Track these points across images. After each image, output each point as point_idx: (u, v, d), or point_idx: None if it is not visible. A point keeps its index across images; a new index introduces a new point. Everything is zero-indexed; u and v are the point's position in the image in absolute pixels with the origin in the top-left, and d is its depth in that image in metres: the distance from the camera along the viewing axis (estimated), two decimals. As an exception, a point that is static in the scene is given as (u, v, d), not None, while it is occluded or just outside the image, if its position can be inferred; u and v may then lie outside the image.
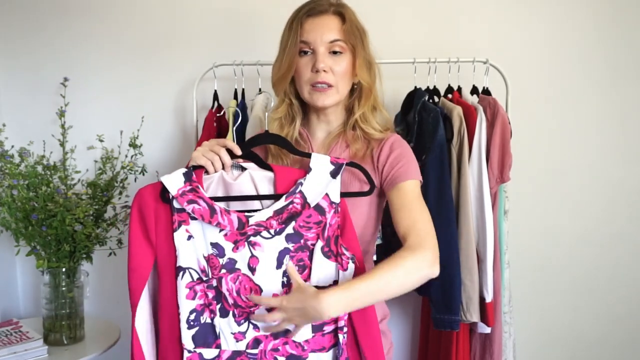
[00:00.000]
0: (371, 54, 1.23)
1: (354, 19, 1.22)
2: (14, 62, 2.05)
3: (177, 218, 1.08)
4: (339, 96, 1.21)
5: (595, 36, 1.97)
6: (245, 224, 1.07)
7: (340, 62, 1.18)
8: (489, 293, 1.60)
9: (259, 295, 1.08)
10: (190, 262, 1.08)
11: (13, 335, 1.63)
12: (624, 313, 2.04)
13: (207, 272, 1.08)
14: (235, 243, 1.08)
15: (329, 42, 1.18)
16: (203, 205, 1.07)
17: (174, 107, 2.05)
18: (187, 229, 1.08)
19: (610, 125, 1.99)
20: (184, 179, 1.08)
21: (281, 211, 1.08)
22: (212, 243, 1.08)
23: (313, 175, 1.10)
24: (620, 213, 2.02)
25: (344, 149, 1.24)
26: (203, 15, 2.01)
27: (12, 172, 1.60)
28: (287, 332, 1.08)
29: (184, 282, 1.08)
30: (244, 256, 1.08)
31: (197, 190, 1.07)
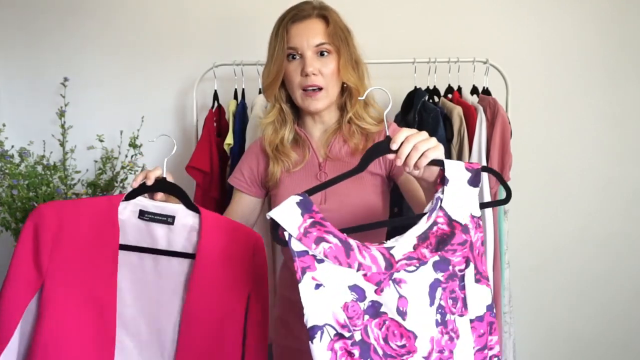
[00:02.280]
0: (357, 53, 1.25)
1: (338, 20, 1.24)
2: (14, 62, 2.05)
3: (300, 264, 0.83)
4: (329, 99, 1.23)
5: (595, 36, 1.97)
6: (392, 259, 0.87)
7: (327, 63, 1.21)
8: (489, 293, 1.60)
9: (413, 341, 0.88)
10: (326, 318, 0.82)
11: (13, 335, 1.63)
12: (624, 312, 2.04)
13: (347, 325, 0.84)
14: (379, 284, 0.87)
15: (314, 46, 1.20)
16: (335, 242, 0.85)
17: (174, 107, 2.05)
18: (313, 277, 0.83)
19: (610, 125, 1.99)
20: (301, 210, 0.84)
21: (425, 236, 0.91)
22: (349, 286, 0.85)
23: (452, 187, 0.93)
24: (620, 213, 2.02)
25: (342, 145, 1.27)
26: (203, 16, 2.01)
27: (12, 172, 1.60)
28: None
29: (324, 344, 0.82)
30: (391, 298, 0.87)
31: (323, 224, 0.85)
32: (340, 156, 1.26)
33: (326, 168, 1.26)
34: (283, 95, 1.28)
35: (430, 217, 0.91)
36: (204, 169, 1.73)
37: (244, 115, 1.75)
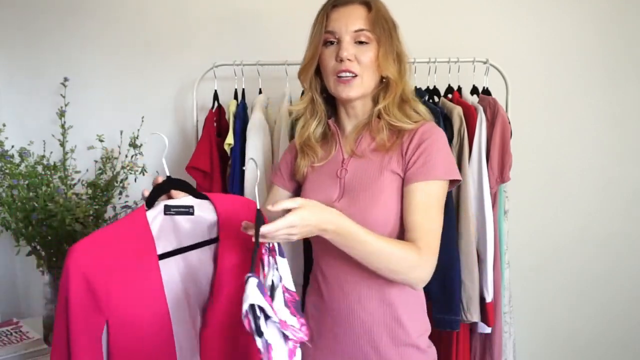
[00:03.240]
0: (401, 47, 1.20)
1: (382, 9, 1.19)
2: (15, 62, 2.05)
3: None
4: (363, 88, 1.18)
5: (595, 36, 1.97)
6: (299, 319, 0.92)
7: (366, 51, 1.16)
8: (489, 293, 1.60)
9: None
10: None
11: (13, 335, 1.63)
12: (624, 312, 2.04)
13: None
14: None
15: (353, 32, 1.15)
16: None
17: (174, 107, 2.05)
18: None
19: (610, 125, 1.99)
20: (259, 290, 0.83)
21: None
22: None
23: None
24: (620, 213, 2.02)
25: (370, 141, 1.21)
26: (203, 16, 2.01)
27: (12, 172, 1.60)
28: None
29: None
30: None
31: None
32: (365, 153, 1.20)
33: (348, 165, 1.21)
34: (317, 85, 1.24)
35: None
36: (204, 169, 1.73)
37: (244, 115, 1.75)
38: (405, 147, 1.16)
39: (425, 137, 1.15)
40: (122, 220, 0.97)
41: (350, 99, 1.19)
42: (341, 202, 1.17)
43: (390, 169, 1.15)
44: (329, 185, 1.21)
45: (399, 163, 1.16)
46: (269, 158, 1.70)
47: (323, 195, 1.19)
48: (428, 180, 1.11)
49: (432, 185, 1.12)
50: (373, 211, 1.13)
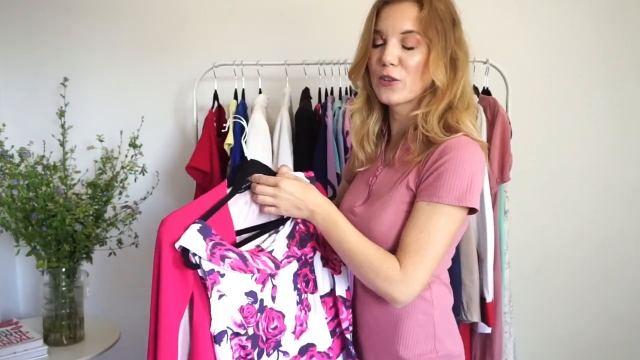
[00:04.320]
0: (458, 50, 1.09)
1: (440, 7, 1.07)
2: (14, 62, 2.05)
3: (210, 281, 0.95)
4: (406, 92, 1.08)
5: (595, 37, 1.97)
6: (276, 260, 1.02)
7: (413, 55, 1.06)
8: (489, 293, 1.60)
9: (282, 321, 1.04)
10: (227, 322, 0.97)
11: (13, 335, 1.63)
12: (624, 312, 2.04)
13: (243, 324, 0.99)
14: (263, 283, 1.02)
15: (401, 33, 1.06)
16: (234, 256, 0.97)
17: (174, 107, 2.05)
18: (218, 289, 0.96)
19: (610, 126, 2.00)
20: (202, 235, 0.95)
21: (292, 235, 1.06)
22: (246, 293, 0.99)
23: None
24: (620, 213, 2.02)
25: (404, 152, 1.11)
26: (203, 15, 2.01)
27: (12, 172, 1.60)
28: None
29: (227, 345, 0.96)
30: (268, 291, 1.03)
31: (223, 242, 0.97)
32: (395, 163, 1.11)
33: (380, 174, 1.16)
34: (369, 81, 1.15)
35: (292, 219, 1.07)
36: (204, 169, 1.73)
37: (244, 115, 1.75)
38: (425, 160, 1.05)
39: (446, 153, 1.02)
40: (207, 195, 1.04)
41: (391, 103, 1.11)
42: (360, 207, 1.14)
43: (405, 184, 1.08)
44: (360, 191, 1.18)
45: (416, 177, 1.06)
46: (269, 158, 1.70)
47: (352, 199, 1.18)
48: (432, 201, 1.01)
49: (435, 209, 1.01)
50: (376, 222, 1.08)
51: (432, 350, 1.09)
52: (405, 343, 1.09)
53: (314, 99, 1.80)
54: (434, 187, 1.01)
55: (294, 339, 1.06)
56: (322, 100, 1.80)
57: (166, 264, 0.93)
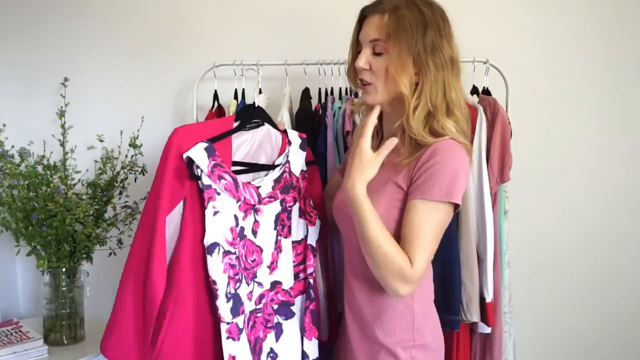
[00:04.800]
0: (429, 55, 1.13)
1: (408, 15, 1.12)
2: (14, 62, 2.05)
3: (207, 195, 1.07)
4: (379, 95, 1.18)
5: (596, 36, 1.96)
6: (260, 196, 1.18)
7: (380, 61, 1.16)
8: (489, 293, 1.60)
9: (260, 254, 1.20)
10: (219, 237, 1.08)
11: (13, 335, 1.63)
12: (624, 313, 2.04)
13: (233, 243, 1.11)
14: (245, 212, 1.16)
15: (369, 41, 1.17)
16: (229, 179, 1.10)
17: (174, 107, 2.05)
18: (214, 205, 1.08)
19: (610, 125, 1.99)
20: (207, 154, 1.07)
21: (279, 180, 1.23)
22: (234, 215, 1.13)
23: (293, 148, 1.29)
24: (620, 213, 2.02)
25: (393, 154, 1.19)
26: (203, 15, 2.01)
27: (12, 172, 1.60)
28: None
29: (219, 257, 1.08)
30: (249, 222, 1.17)
31: (222, 165, 1.10)
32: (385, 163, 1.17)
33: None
34: None
35: (281, 167, 1.25)
36: (204, 169, 1.73)
37: (244, 115, 1.75)
38: (415, 161, 1.14)
39: (435, 155, 1.11)
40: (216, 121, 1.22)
41: (367, 104, 1.22)
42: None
43: (395, 182, 1.16)
44: None
45: (406, 176, 1.15)
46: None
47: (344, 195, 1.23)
48: (424, 199, 1.10)
49: (428, 205, 1.10)
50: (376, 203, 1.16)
51: (409, 339, 1.18)
52: (385, 329, 1.19)
53: (314, 99, 1.80)
54: (426, 185, 1.10)
55: (268, 273, 1.21)
56: (322, 100, 1.80)
57: (170, 168, 1.06)
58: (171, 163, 1.06)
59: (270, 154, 1.28)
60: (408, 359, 1.18)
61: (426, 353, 1.21)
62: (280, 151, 1.29)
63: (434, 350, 1.24)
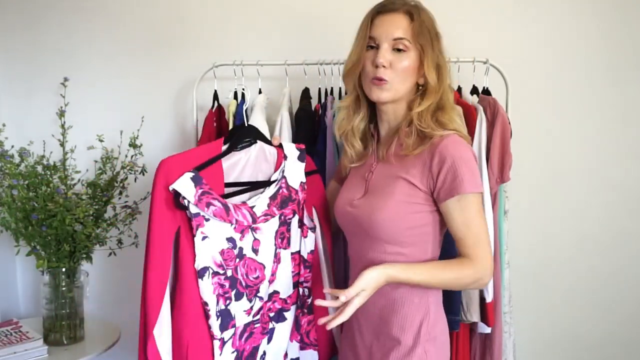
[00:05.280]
0: (441, 58, 1.23)
1: (427, 20, 1.22)
2: (14, 62, 2.05)
3: (195, 223, 1.12)
4: (393, 92, 1.21)
5: (596, 36, 1.96)
6: (255, 216, 1.20)
7: (402, 59, 1.20)
8: (489, 293, 1.60)
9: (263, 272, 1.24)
10: (208, 261, 1.14)
11: (13, 335, 1.63)
12: (625, 313, 2.04)
13: (222, 265, 1.16)
14: (242, 232, 1.19)
15: (393, 39, 1.20)
16: (219, 205, 1.14)
17: (174, 107, 2.05)
18: (202, 231, 1.13)
19: (611, 125, 1.99)
20: (194, 183, 1.11)
21: (275, 197, 1.24)
22: (227, 238, 1.17)
23: (289, 162, 1.30)
24: (620, 212, 2.01)
25: (397, 148, 1.24)
26: (203, 16, 2.01)
27: (12, 172, 1.60)
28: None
29: (209, 280, 1.13)
30: (248, 241, 1.20)
31: (211, 192, 1.13)
32: (390, 158, 1.24)
33: (375, 169, 1.27)
34: (360, 84, 1.28)
35: (277, 183, 1.25)
36: (204, 169, 1.73)
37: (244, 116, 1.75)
38: (429, 164, 1.17)
39: (449, 153, 1.16)
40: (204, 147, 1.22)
41: (380, 101, 1.24)
42: (360, 200, 1.25)
43: (406, 178, 1.19)
44: (357, 186, 1.29)
45: (423, 178, 1.18)
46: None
47: (350, 194, 1.28)
48: (460, 194, 1.14)
49: (463, 201, 1.15)
50: (378, 213, 1.19)
51: (425, 333, 1.21)
52: (400, 324, 1.21)
53: (314, 99, 1.80)
54: (455, 184, 1.14)
55: (267, 287, 1.25)
56: (322, 100, 1.80)
57: (159, 200, 1.09)
58: (160, 195, 1.10)
59: (266, 170, 1.29)
60: (422, 353, 1.20)
61: (437, 346, 1.23)
62: (276, 167, 1.30)
63: (443, 343, 1.26)
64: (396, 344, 1.20)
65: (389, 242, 1.20)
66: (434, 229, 1.22)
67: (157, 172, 1.11)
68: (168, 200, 1.10)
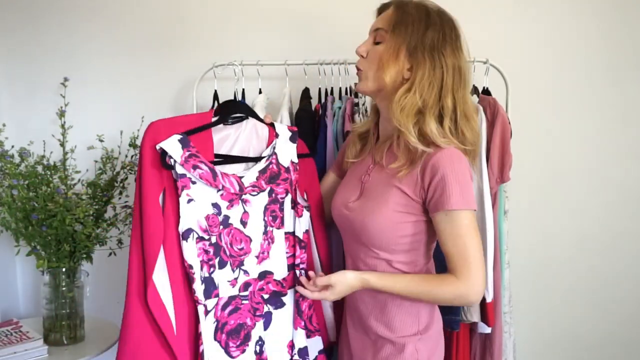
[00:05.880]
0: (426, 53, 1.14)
1: (413, 12, 1.16)
2: (14, 62, 2.05)
3: (180, 184, 1.12)
4: (369, 82, 1.20)
5: (596, 36, 1.96)
6: (243, 186, 1.21)
7: (377, 49, 1.19)
8: (489, 293, 1.60)
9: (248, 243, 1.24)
10: (192, 224, 1.14)
11: (13, 335, 1.63)
12: (625, 313, 2.04)
13: (207, 230, 1.17)
14: (230, 202, 1.21)
15: (373, 31, 1.22)
16: (205, 169, 1.14)
17: (174, 107, 2.05)
18: (187, 193, 1.13)
19: (611, 125, 1.99)
20: (181, 145, 1.12)
21: (264, 171, 1.26)
22: (212, 203, 1.17)
23: (280, 140, 1.31)
24: (620, 212, 2.01)
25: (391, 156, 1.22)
26: (203, 16, 2.01)
27: (12, 172, 1.60)
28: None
29: (193, 242, 1.14)
30: (237, 212, 1.22)
31: (198, 155, 1.14)
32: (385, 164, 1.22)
33: (371, 172, 1.26)
34: None
35: (268, 159, 1.27)
36: (204, 169, 1.73)
37: (244, 115, 1.75)
38: (421, 175, 1.14)
39: (440, 166, 1.12)
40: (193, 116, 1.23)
41: (360, 92, 1.27)
42: (355, 203, 1.24)
43: (398, 187, 1.17)
44: (353, 187, 1.29)
45: (416, 188, 1.15)
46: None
47: (346, 195, 1.28)
48: (446, 209, 1.11)
49: (451, 215, 1.12)
50: (372, 219, 1.18)
51: (415, 332, 1.21)
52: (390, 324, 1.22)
53: (314, 99, 1.80)
54: (443, 198, 1.11)
55: (255, 263, 1.25)
56: (322, 100, 1.80)
57: (147, 160, 1.11)
58: (147, 155, 1.11)
59: (257, 146, 1.30)
60: (413, 351, 1.20)
61: (428, 345, 1.23)
62: (267, 144, 1.31)
63: (436, 342, 1.26)
64: (387, 342, 1.21)
65: (380, 249, 1.20)
66: (427, 237, 1.21)
67: (146, 132, 1.13)
68: (155, 159, 1.11)
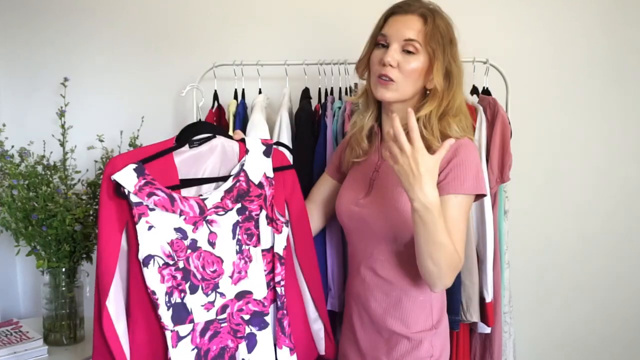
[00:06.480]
0: (453, 65, 1.22)
1: (441, 25, 1.21)
2: (14, 62, 2.05)
3: (137, 212, 1.13)
4: (398, 94, 1.21)
5: (596, 36, 1.97)
6: (205, 208, 1.19)
7: (410, 61, 1.19)
8: (489, 293, 1.60)
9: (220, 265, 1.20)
10: (155, 250, 1.14)
11: (13, 335, 1.63)
12: (625, 313, 2.05)
13: (172, 256, 1.16)
14: (195, 224, 1.19)
15: (404, 40, 1.19)
16: (162, 195, 1.14)
17: (174, 107, 2.05)
18: (147, 221, 1.13)
19: (611, 125, 1.99)
20: (136, 174, 1.13)
21: (231, 190, 1.23)
22: (175, 228, 1.16)
23: (251, 156, 1.27)
24: (620, 213, 2.02)
25: None
26: (203, 16, 2.02)
27: (12, 172, 1.60)
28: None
29: (155, 269, 1.13)
30: (203, 234, 1.20)
31: (154, 183, 1.14)
32: None
33: (381, 169, 1.27)
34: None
35: (235, 178, 1.23)
36: (204, 169, 1.72)
37: (244, 115, 1.75)
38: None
39: (458, 152, 1.17)
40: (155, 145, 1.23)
41: (384, 100, 1.24)
42: (366, 200, 1.25)
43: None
44: (360, 185, 1.29)
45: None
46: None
47: (354, 193, 1.28)
48: (457, 193, 1.15)
49: (460, 198, 1.16)
50: (393, 212, 1.19)
51: (430, 327, 1.23)
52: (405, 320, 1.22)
53: (314, 99, 1.80)
54: (457, 181, 1.15)
55: (230, 283, 1.22)
56: (322, 100, 1.80)
57: (106, 193, 1.13)
58: (104, 188, 1.13)
59: (228, 164, 1.28)
60: (429, 347, 1.22)
61: (441, 341, 1.26)
62: (238, 160, 1.29)
63: (445, 338, 1.29)
64: (402, 339, 1.22)
65: (396, 241, 1.22)
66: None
67: (105, 167, 1.15)
68: (111, 191, 1.13)
